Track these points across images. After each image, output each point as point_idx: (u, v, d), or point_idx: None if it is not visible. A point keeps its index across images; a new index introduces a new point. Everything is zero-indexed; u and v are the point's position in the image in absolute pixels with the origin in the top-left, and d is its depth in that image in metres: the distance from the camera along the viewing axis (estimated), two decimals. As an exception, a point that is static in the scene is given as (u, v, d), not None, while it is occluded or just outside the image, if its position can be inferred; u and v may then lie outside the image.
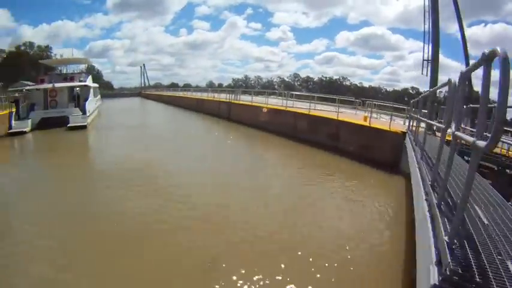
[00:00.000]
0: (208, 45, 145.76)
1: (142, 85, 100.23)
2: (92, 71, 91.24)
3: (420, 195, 3.66)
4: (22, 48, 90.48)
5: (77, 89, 27.72)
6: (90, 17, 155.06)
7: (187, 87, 75.83)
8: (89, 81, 28.61)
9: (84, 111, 24.20)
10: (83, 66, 36.72)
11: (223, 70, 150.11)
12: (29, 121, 22.51)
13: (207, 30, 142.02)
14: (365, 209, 7.45)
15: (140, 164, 11.20)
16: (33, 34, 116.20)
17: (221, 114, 25.99)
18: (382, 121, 13.95)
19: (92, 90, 27.62)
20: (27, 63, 77.92)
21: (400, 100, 42.30)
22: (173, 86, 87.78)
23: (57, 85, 25.45)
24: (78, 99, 27.24)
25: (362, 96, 22.94)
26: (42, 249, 5.49)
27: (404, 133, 10.84)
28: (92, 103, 27.19)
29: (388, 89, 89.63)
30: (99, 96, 34.24)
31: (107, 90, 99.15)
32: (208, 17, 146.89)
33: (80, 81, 27.99)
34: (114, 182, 9.08)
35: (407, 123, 12.64)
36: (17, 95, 24.29)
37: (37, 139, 20.41)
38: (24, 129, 21.46)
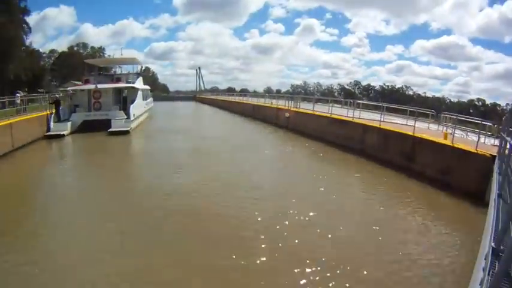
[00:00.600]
0: (277, 49, 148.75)
1: (198, 89, 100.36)
2: (146, 72, 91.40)
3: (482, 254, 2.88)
4: (75, 48, 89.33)
5: (125, 90, 26.74)
6: (157, 18, 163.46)
7: (244, 92, 76.75)
8: (138, 83, 27.65)
9: (128, 115, 23.14)
10: (136, 67, 36.44)
11: (287, 76, 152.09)
12: (69, 124, 21.86)
13: (279, 33, 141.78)
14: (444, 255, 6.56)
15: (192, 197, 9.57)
16: (96, 33, 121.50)
17: (279, 123, 25.60)
18: (461, 139, 12.40)
19: (140, 93, 26.56)
20: (80, 63, 77.22)
21: (465, 112, 39.73)
22: (230, 91, 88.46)
23: (101, 86, 24.48)
24: (124, 101, 26.17)
25: (425, 106, 21.21)
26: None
27: (493, 156, 9.69)
28: (139, 106, 26.25)
29: (452, 100, 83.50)
30: (150, 99, 33.81)
31: (162, 93, 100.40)
32: (283, 20, 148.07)
33: (128, 82, 26.72)
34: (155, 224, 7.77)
35: (489, 141, 11.20)
36: (57, 95, 24.16)
37: (72, 144, 19.94)
38: (62, 132, 20.83)
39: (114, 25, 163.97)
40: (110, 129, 21.26)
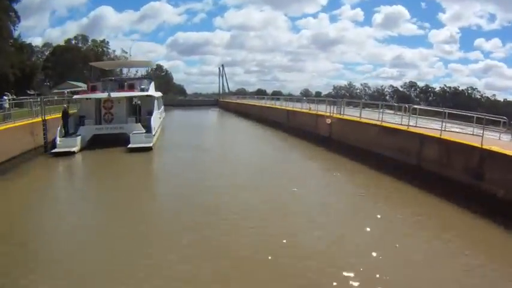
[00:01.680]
0: (343, 42, 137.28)
1: (221, 91, 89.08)
2: (157, 71, 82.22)
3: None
4: (73, 42, 78.38)
5: (137, 99, 24.73)
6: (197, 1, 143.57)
7: (276, 94, 69.44)
8: (152, 90, 25.47)
9: (149, 129, 20.96)
10: (148, 69, 36.69)
11: (340, 76, 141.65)
12: (78, 139, 19.40)
13: (354, 22, 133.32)
14: None
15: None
16: (117, 19, 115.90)
17: (319, 132, 23.55)
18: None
19: (156, 102, 24.57)
20: (79, 60, 67.72)
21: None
22: (260, 93, 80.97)
23: (115, 95, 21.82)
24: (138, 112, 24.13)
25: (494, 112, 18.25)
26: None
27: None
28: (157, 118, 24.09)
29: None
30: (162, 107, 31.21)
31: (178, 95, 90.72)
32: (363, 4, 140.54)
33: (142, 89, 24.18)
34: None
35: None
36: (65, 106, 21.91)
37: (87, 164, 17.59)
38: (72, 149, 18.59)
39: (139, 10, 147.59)
40: (130, 145, 19.44)
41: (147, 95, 23.55)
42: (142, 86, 24.44)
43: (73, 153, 18.32)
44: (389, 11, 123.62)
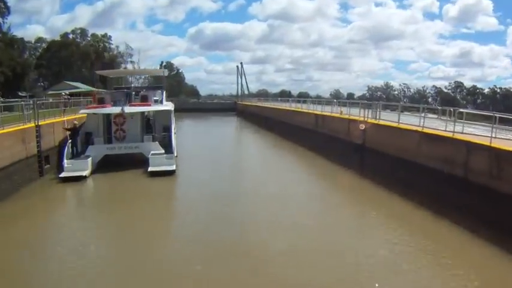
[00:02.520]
0: (397, 37, 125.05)
1: (240, 92, 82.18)
2: (169, 70, 72.93)
3: None
4: (71, 36, 71.98)
5: (151, 113, 22.86)
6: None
7: (302, 96, 66.96)
8: (165, 100, 23.92)
9: (170, 148, 19.08)
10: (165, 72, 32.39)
11: (386, 75, 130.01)
12: (89, 161, 17.56)
13: (425, 13, 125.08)
14: None
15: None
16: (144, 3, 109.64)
17: (352, 139, 21.96)
18: None
19: (172, 116, 22.80)
20: (77, 57, 62.73)
21: None
22: (284, 95, 77.12)
23: (129, 110, 19.39)
24: (152, 127, 22.37)
25: None
26: None
27: None
28: (174, 132, 22.78)
29: None
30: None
31: (190, 98, 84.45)
32: None
33: (155, 101, 21.87)
34: None
35: None
36: (76, 122, 19.68)
37: (104, 194, 15.54)
38: (82, 173, 16.62)
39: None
40: (150, 169, 17.58)
41: (166, 110, 21.95)
42: (155, 98, 22.19)
43: (84, 177, 16.59)
44: (469, 3, 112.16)
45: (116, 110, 19.21)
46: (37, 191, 15.10)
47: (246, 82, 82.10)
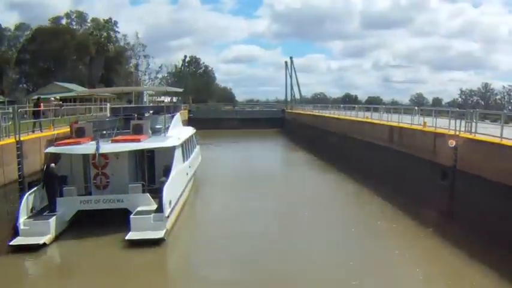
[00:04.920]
0: None
1: (290, 97, 68.82)
2: (194, 66, 63.89)
3: None
4: (64, 22, 57.88)
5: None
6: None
7: (371, 102, 57.59)
8: (177, 123, 19.66)
9: (160, 206, 14.43)
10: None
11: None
12: (51, 221, 13.99)
13: None
14: None
15: None
16: None
17: (439, 160, 17.69)
18: None
19: (179, 151, 17.75)
20: (72, 49, 51.22)
21: None
22: (346, 102, 67.60)
23: (107, 149, 15.41)
24: (151, 166, 17.62)
25: None
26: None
27: None
28: (180, 178, 17.45)
29: None
30: (196, 148, 23.76)
31: (225, 105, 69.84)
32: None
33: (156, 130, 18.01)
34: None
35: None
36: (52, 164, 15.52)
37: (61, 276, 12.07)
38: (39, 241, 13.22)
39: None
40: (129, 236, 13.38)
41: (171, 147, 16.90)
42: (158, 126, 18.31)
43: (42, 246, 13.11)
44: None
45: (90, 148, 15.08)
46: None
47: (298, 82, 68.17)
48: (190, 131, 23.07)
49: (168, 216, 14.35)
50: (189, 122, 41.26)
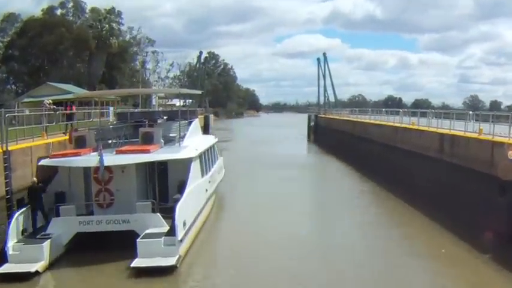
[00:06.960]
0: None
1: (323, 100, 62.78)
2: (210, 63, 57.82)
3: None
4: (58, 12, 53.22)
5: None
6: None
7: (418, 106, 54.65)
8: (196, 131, 18.08)
9: (173, 229, 13.06)
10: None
11: None
12: (45, 245, 12.73)
13: None
14: None
15: None
16: None
17: (496, 173, 16.24)
18: None
19: (196, 164, 16.28)
20: (68, 44, 46.76)
21: None
22: (389, 106, 62.78)
23: (113, 161, 14.16)
24: (163, 181, 16.03)
25: None
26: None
27: None
28: (197, 194, 16.02)
29: None
30: (219, 160, 22.08)
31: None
32: None
33: (168, 140, 16.58)
34: None
35: None
36: (35, 179, 14.35)
37: None
38: (31, 269, 12.00)
39: None
40: (135, 263, 12.39)
41: (186, 159, 15.53)
42: (172, 134, 16.86)
43: (34, 274, 11.92)
44: None
45: (92, 160, 13.83)
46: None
47: (332, 83, 60.52)
48: (211, 140, 21.57)
49: (182, 240, 13.17)
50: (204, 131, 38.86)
